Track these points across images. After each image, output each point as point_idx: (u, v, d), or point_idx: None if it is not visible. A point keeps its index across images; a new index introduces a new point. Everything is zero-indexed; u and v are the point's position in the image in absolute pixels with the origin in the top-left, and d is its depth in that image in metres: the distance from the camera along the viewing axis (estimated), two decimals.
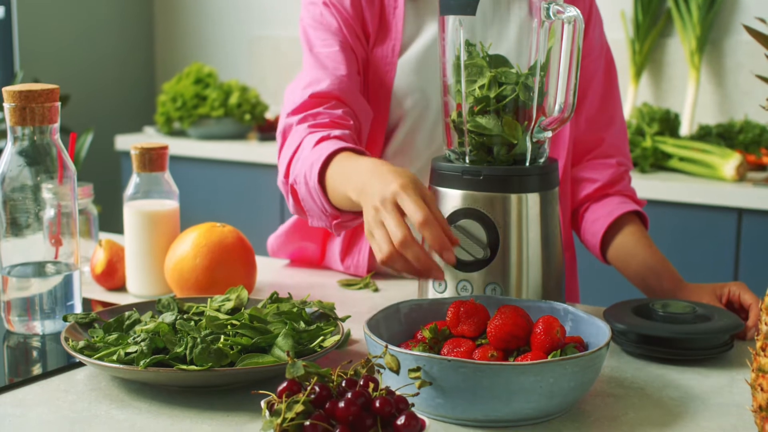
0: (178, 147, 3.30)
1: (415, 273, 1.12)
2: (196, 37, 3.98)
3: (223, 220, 1.48)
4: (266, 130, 3.34)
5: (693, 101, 2.92)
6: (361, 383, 0.89)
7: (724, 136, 2.73)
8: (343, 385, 0.88)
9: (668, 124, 2.77)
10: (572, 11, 1.21)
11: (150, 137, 3.40)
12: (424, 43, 1.48)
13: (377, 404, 0.85)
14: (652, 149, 2.67)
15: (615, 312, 1.24)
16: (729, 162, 2.53)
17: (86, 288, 1.48)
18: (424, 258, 1.09)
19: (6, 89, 1.20)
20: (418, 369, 0.95)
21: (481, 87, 1.25)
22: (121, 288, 1.48)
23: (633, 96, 3.05)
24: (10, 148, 1.22)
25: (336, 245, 1.59)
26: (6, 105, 1.20)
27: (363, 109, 1.46)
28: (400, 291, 1.48)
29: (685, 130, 2.90)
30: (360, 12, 1.47)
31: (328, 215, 1.33)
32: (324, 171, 1.29)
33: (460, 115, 1.27)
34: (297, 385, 0.88)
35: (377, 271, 1.59)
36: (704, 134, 2.75)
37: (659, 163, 2.69)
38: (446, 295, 1.27)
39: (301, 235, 1.63)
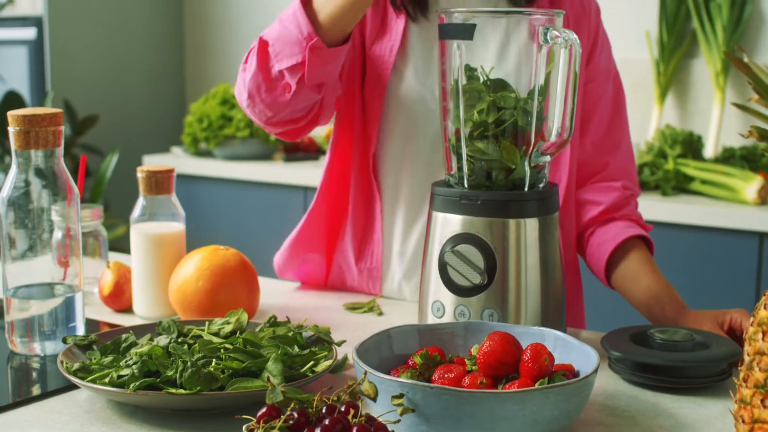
0: (204, 167, 3.33)
1: None
2: (226, 58, 4.02)
3: (247, 241, 1.50)
4: (292, 151, 3.36)
5: (718, 123, 2.90)
6: (342, 409, 0.90)
7: (747, 158, 2.71)
8: (323, 411, 0.89)
9: (691, 146, 2.75)
10: (569, 36, 1.21)
11: (177, 157, 3.43)
12: (424, 57, 1.49)
13: (354, 431, 0.85)
14: (674, 172, 2.66)
15: (612, 339, 1.24)
16: (751, 185, 2.50)
17: (95, 309, 1.50)
18: None
19: (11, 113, 1.22)
20: (401, 396, 0.95)
21: (480, 112, 1.25)
22: (128, 309, 1.49)
23: (658, 117, 3.03)
24: (14, 171, 1.24)
25: (348, 249, 1.59)
26: (11, 129, 1.23)
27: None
28: (405, 315, 1.49)
29: (709, 152, 2.88)
30: None
31: (304, 38, 1.37)
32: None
33: (459, 139, 1.27)
34: (276, 410, 0.89)
35: (384, 295, 1.60)
36: (728, 156, 2.73)
37: (681, 185, 2.67)
38: (444, 320, 1.27)
39: (305, 247, 1.63)
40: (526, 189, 1.27)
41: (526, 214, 1.25)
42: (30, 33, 3.61)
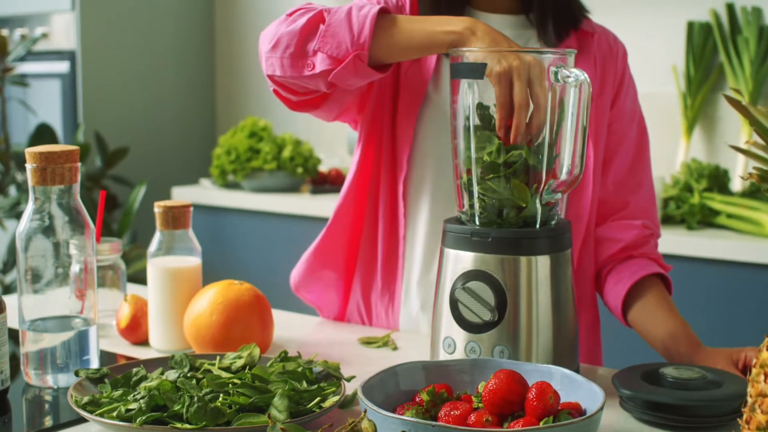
0: (232, 199, 3.36)
1: (507, 115, 1.25)
2: (256, 92, 4.06)
3: (273, 272, 1.51)
4: (319, 183, 3.38)
5: (745, 157, 2.88)
6: None
7: None
8: None
9: (717, 180, 2.74)
10: (580, 75, 1.21)
11: (205, 189, 3.47)
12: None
13: None
14: (700, 206, 2.64)
15: (624, 377, 1.23)
16: None
17: (112, 341, 1.52)
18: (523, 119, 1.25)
19: (28, 150, 1.24)
20: None
21: (490, 153, 1.25)
22: (145, 342, 1.51)
23: (685, 151, 3.02)
24: (31, 206, 1.26)
25: (369, 274, 1.60)
26: (28, 166, 1.25)
27: None
28: (419, 350, 1.49)
29: (736, 186, 2.86)
30: None
31: (355, 43, 1.36)
32: (384, 12, 1.39)
33: (470, 177, 1.28)
34: None
35: (400, 327, 1.60)
36: (755, 191, 2.71)
37: (707, 219, 2.66)
38: (455, 356, 1.27)
39: (321, 263, 1.64)
40: (537, 226, 1.27)
41: (537, 251, 1.25)
42: (63, 66, 3.67)
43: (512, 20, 1.54)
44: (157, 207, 1.45)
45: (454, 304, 1.26)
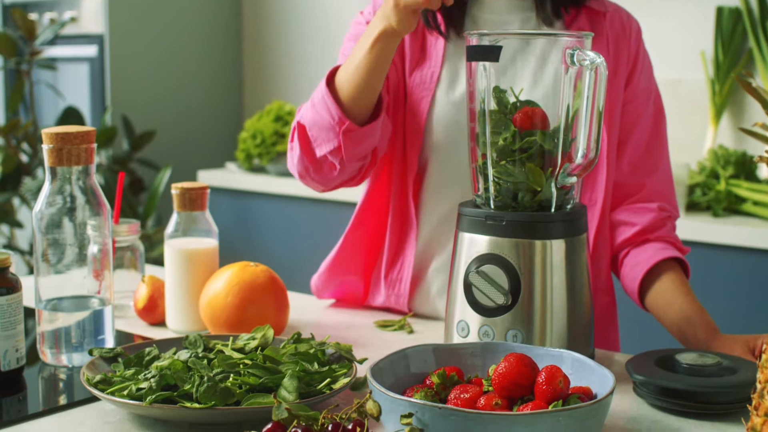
0: (257, 183, 3.37)
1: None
2: (284, 76, 4.07)
3: (298, 255, 1.52)
4: None
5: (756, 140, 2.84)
6: (350, 427, 0.90)
7: None
8: (329, 428, 0.90)
9: (744, 167, 2.71)
10: (596, 58, 1.20)
11: (231, 173, 3.48)
12: (462, 80, 1.50)
13: None
14: (726, 192, 2.61)
15: (637, 362, 1.22)
16: None
17: (130, 322, 1.53)
18: None
19: (45, 131, 1.25)
20: (409, 415, 0.95)
21: (505, 139, 1.25)
22: (162, 323, 1.52)
23: (713, 137, 2.98)
24: (48, 187, 1.27)
25: (380, 271, 1.60)
26: (45, 146, 1.26)
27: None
28: (435, 333, 1.49)
29: (764, 172, 2.83)
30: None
31: (335, 123, 1.41)
32: (331, 78, 1.43)
33: (485, 161, 1.27)
34: (282, 427, 0.90)
35: (416, 312, 1.60)
36: None
37: (733, 206, 2.63)
38: (469, 340, 1.27)
39: (343, 268, 1.64)
40: (552, 210, 1.26)
41: (552, 235, 1.24)
42: (92, 50, 3.69)
43: (517, 3, 1.52)
44: (175, 189, 1.45)
45: (468, 287, 1.26)
